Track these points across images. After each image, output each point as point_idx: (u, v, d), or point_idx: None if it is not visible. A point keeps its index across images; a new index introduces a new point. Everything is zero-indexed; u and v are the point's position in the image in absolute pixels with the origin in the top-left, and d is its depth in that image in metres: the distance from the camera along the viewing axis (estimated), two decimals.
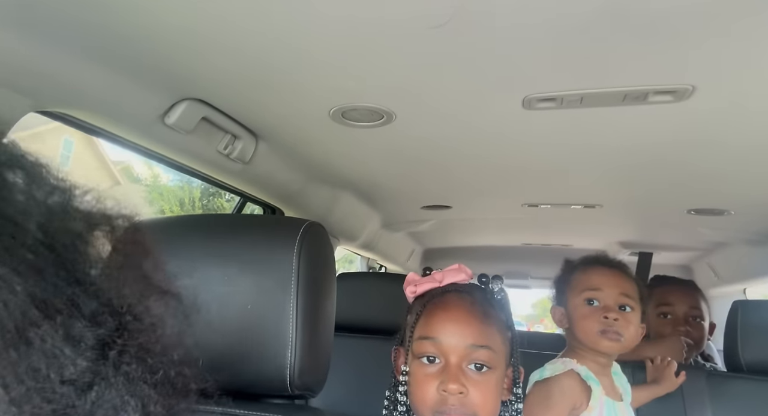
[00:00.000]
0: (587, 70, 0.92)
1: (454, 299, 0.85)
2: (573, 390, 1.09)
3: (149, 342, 0.35)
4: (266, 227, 0.86)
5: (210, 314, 0.75)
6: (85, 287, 0.31)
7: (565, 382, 1.10)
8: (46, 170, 0.33)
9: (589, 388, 1.11)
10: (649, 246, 2.65)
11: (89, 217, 0.35)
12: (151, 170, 14.20)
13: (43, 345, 0.27)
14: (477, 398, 0.78)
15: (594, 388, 1.11)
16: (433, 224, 2.42)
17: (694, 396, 1.46)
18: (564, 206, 1.97)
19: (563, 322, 1.22)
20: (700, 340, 1.65)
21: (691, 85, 0.93)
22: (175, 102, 1.03)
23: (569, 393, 1.09)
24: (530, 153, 1.35)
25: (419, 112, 1.12)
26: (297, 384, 0.75)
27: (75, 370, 0.29)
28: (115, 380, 0.31)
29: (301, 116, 1.16)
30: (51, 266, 0.30)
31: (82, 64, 0.87)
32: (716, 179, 1.47)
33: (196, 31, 0.83)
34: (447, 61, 0.90)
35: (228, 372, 0.75)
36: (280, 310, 0.76)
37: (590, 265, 1.22)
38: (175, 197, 14.01)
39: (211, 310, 0.75)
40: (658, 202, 1.80)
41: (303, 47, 0.87)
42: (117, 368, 0.31)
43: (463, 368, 0.79)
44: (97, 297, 0.32)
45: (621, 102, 1.01)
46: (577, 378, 1.11)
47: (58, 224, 0.32)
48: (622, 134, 1.17)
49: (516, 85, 0.98)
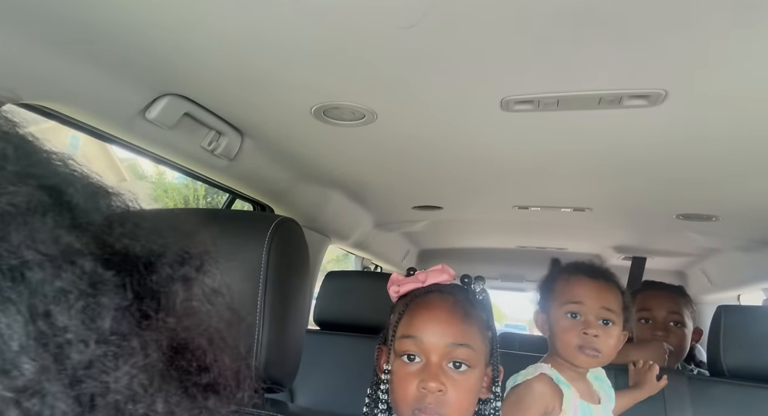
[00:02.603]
0: (562, 72, 0.93)
1: (436, 299, 0.87)
2: (543, 394, 1.09)
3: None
4: (238, 222, 0.87)
5: None
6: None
7: (536, 386, 1.10)
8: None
9: (561, 392, 1.11)
10: (642, 251, 2.66)
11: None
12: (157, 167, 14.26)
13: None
14: (454, 396, 0.80)
15: (565, 391, 1.11)
16: (426, 224, 2.44)
17: (675, 400, 1.46)
18: (554, 208, 1.98)
19: (545, 329, 1.21)
20: (680, 346, 1.65)
21: (663, 89, 0.94)
22: (156, 97, 1.05)
23: (540, 397, 1.09)
24: (513, 155, 1.36)
25: (400, 112, 1.14)
26: (263, 377, 0.77)
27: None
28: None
29: (283, 113, 1.17)
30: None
31: (61, 58, 0.88)
32: (699, 184, 1.48)
33: (177, 27, 0.85)
34: (425, 61, 0.91)
35: None
36: (248, 304, 0.77)
37: (573, 274, 1.20)
38: (179, 194, 14.08)
39: None
40: (646, 206, 1.81)
41: (283, 45, 0.88)
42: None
43: (443, 366, 0.81)
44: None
45: (597, 106, 1.02)
46: (548, 381, 1.11)
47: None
48: (601, 137, 1.18)
49: (493, 86, 1.00)
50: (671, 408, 1.45)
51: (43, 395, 0.23)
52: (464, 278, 0.95)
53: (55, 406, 0.24)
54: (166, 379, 0.30)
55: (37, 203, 0.26)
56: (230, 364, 0.36)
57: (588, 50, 0.85)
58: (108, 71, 0.96)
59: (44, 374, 0.23)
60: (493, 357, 0.88)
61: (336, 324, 1.79)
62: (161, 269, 0.33)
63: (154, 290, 0.31)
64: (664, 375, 1.41)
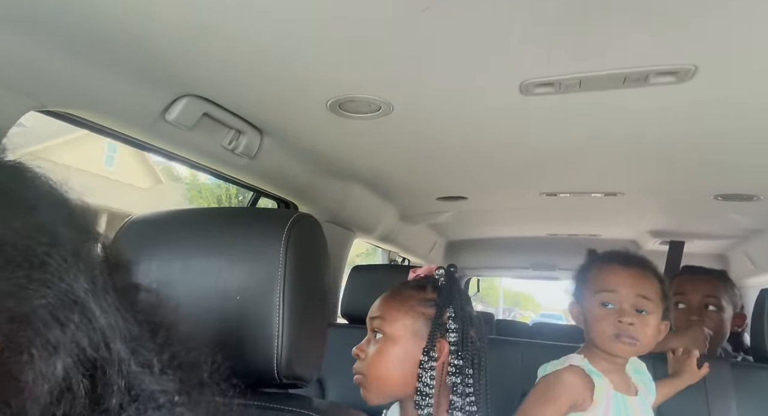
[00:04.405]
0: (583, 51, 0.89)
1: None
2: (573, 386, 1.06)
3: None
4: (256, 220, 0.87)
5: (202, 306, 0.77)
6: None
7: (565, 377, 1.08)
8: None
9: (593, 383, 1.08)
10: (679, 235, 2.56)
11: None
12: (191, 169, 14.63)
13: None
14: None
15: (597, 381, 1.07)
16: (452, 215, 2.41)
17: (718, 388, 1.40)
18: (584, 194, 1.93)
19: (580, 320, 1.17)
20: (718, 330, 1.58)
21: (693, 64, 0.89)
22: (174, 99, 1.05)
23: (568, 388, 1.06)
24: (537, 141, 1.32)
25: (417, 102, 1.12)
26: (285, 373, 0.77)
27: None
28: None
29: (300, 109, 1.17)
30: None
31: (79, 63, 0.90)
32: (738, 163, 1.40)
33: (192, 28, 0.85)
34: (437, 48, 0.89)
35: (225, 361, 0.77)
36: (268, 301, 0.77)
37: (606, 263, 1.16)
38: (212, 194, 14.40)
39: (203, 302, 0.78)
40: (682, 188, 1.74)
41: (295, 40, 0.88)
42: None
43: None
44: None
45: (621, 85, 0.98)
46: (578, 372, 1.08)
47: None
48: (627, 118, 1.14)
49: (511, 69, 0.96)
50: (714, 396, 1.39)
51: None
52: None
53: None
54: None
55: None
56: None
57: (609, 26, 0.81)
58: (127, 76, 0.97)
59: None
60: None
61: (363, 318, 1.79)
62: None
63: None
64: (705, 363, 1.36)
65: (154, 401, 0.36)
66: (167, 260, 0.80)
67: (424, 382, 0.91)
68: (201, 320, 0.76)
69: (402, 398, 0.97)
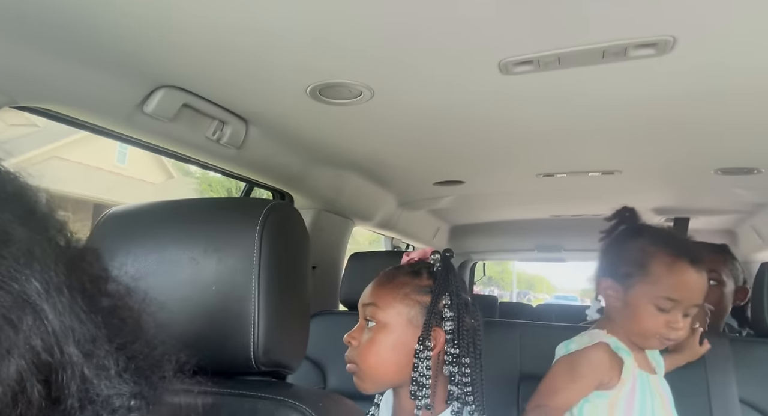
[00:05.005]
0: (559, 27, 0.87)
1: None
2: (601, 364, 1.02)
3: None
4: (232, 209, 0.87)
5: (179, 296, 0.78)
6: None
7: (594, 355, 1.03)
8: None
9: (621, 361, 1.04)
10: (683, 211, 2.53)
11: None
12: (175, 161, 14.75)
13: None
14: None
15: (626, 359, 1.04)
16: (452, 200, 2.40)
17: (717, 363, 1.39)
18: (581, 173, 1.90)
19: (613, 300, 1.09)
20: (719, 305, 1.56)
21: (671, 36, 0.86)
22: (151, 90, 1.05)
23: (597, 366, 1.02)
24: (523, 122, 1.30)
25: (397, 87, 1.10)
26: (263, 361, 0.77)
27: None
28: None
29: (281, 96, 1.16)
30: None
31: (50, 57, 0.89)
32: (734, 135, 1.37)
33: (164, 18, 0.84)
34: (414, 30, 0.87)
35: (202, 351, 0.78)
36: (243, 290, 0.77)
37: (676, 259, 1.02)
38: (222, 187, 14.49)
39: (179, 293, 0.78)
40: (680, 163, 1.71)
41: (271, 27, 0.87)
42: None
43: None
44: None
45: (601, 60, 0.96)
46: (606, 350, 1.04)
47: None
48: (612, 94, 1.11)
49: (488, 48, 0.95)
50: (713, 371, 1.38)
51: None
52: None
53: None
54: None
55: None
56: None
57: (583, 0, 0.79)
58: (100, 68, 0.97)
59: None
60: None
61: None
62: None
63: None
64: (706, 340, 1.34)
65: (110, 405, 0.36)
66: (145, 253, 0.81)
67: (420, 372, 0.89)
68: (178, 310, 0.77)
69: (396, 386, 0.95)
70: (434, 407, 0.90)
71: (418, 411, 0.89)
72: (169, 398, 0.45)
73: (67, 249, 0.38)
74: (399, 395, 0.95)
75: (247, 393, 0.75)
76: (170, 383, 0.44)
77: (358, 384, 0.95)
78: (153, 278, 0.79)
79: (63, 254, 0.37)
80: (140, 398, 0.37)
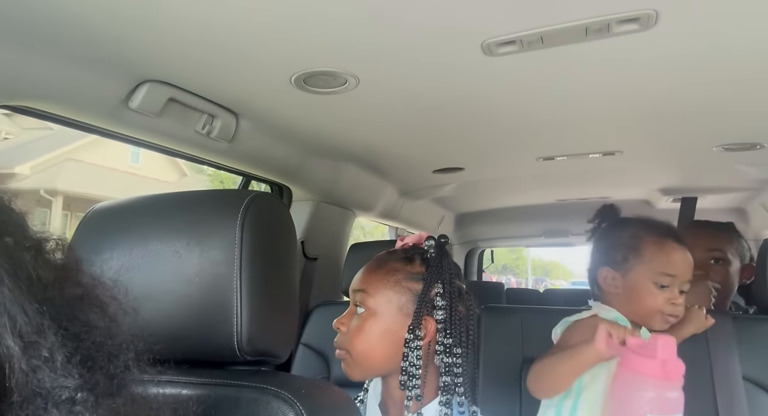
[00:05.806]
0: (540, 3, 0.86)
1: None
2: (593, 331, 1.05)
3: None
4: (214, 202, 0.87)
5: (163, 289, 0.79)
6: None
7: (587, 322, 1.08)
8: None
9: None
10: (691, 190, 2.48)
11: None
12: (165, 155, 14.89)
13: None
14: None
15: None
16: (454, 188, 2.38)
17: (719, 341, 1.37)
18: (581, 156, 1.88)
19: (612, 287, 1.13)
20: (725, 283, 1.53)
21: (653, 9, 0.84)
22: (135, 85, 1.05)
23: (589, 332, 1.03)
24: (512, 104, 1.29)
25: (382, 74, 1.09)
26: (248, 351, 0.77)
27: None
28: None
29: (266, 87, 1.16)
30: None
31: (30, 54, 0.90)
32: (732, 110, 1.34)
33: (144, 11, 0.84)
34: (395, 15, 0.86)
35: (188, 343, 0.79)
36: (225, 280, 0.77)
37: (663, 238, 1.10)
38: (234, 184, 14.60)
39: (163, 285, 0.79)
40: (680, 141, 1.67)
41: (248, 16, 0.86)
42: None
43: None
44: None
45: (584, 37, 0.94)
46: (601, 321, 1.05)
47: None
48: (599, 73, 1.09)
49: (470, 29, 0.93)
50: (715, 348, 1.36)
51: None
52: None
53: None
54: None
55: None
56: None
57: None
58: (82, 64, 0.97)
59: None
60: None
61: None
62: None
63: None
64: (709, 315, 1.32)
65: (54, 398, 0.35)
66: (129, 247, 0.82)
67: (411, 362, 0.88)
68: (162, 303, 0.78)
69: (386, 375, 0.94)
70: (423, 397, 0.89)
71: (408, 401, 0.87)
72: (142, 390, 0.45)
73: (16, 242, 0.38)
74: (388, 384, 0.94)
75: (231, 382, 0.76)
76: (132, 373, 0.43)
77: (346, 371, 0.93)
78: (137, 271, 0.80)
79: (6, 246, 0.37)
80: (86, 390, 0.36)
